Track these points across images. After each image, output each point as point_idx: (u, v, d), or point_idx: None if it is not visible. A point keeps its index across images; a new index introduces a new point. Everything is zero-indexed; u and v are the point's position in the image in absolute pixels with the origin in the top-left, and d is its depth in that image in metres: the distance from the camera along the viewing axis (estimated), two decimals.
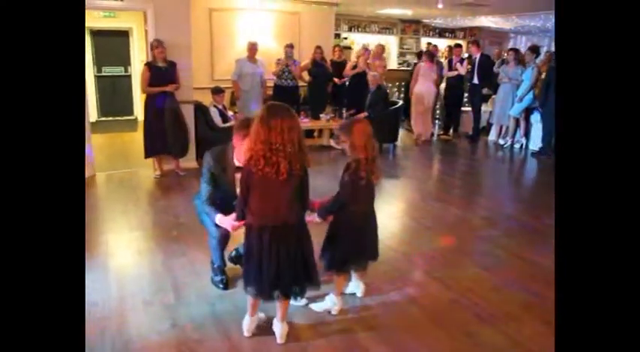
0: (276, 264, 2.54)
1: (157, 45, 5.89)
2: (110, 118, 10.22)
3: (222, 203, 3.08)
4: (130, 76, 10.23)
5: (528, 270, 3.84)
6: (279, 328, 2.82)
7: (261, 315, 2.95)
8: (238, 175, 2.84)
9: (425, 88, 8.80)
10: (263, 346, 2.76)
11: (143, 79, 5.94)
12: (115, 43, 10.06)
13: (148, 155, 6.18)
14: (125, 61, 10.13)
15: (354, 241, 3.01)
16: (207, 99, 6.85)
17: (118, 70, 10.23)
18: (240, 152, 2.89)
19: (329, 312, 3.10)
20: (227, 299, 3.22)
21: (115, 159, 7.13)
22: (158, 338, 2.80)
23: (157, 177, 6.15)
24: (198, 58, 7.12)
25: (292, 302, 3.14)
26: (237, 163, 3.05)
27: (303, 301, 3.17)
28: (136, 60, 9.85)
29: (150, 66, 5.93)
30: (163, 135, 5.99)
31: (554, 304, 3.20)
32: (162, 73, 5.92)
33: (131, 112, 10.40)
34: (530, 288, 3.53)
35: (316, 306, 3.14)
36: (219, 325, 2.91)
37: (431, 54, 9.22)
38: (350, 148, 2.89)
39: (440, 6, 8.74)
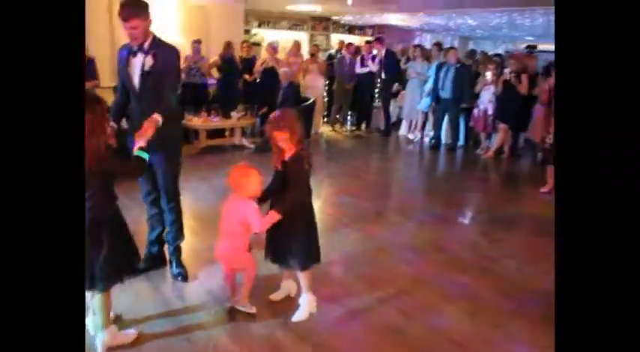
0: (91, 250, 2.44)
1: None
2: None
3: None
4: None
5: (446, 260, 3.90)
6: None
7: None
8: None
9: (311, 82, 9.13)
10: None
11: None
12: None
13: None
14: None
15: (315, 232, 3.02)
16: (109, 98, 6.37)
17: None
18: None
19: (312, 314, 2.98)
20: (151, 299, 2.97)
21: None
22: None
23: None
24: (97, 54, 6.61)
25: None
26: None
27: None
28: None
29: None
30: None
31: (476, 292, 3.29)
32: None
33: None
34: (449, 278, 3.58)
35: (297, 317, 2.95)
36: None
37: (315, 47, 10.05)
38: (291, 140, 2.85)
39: (349, 2, 8.79)
